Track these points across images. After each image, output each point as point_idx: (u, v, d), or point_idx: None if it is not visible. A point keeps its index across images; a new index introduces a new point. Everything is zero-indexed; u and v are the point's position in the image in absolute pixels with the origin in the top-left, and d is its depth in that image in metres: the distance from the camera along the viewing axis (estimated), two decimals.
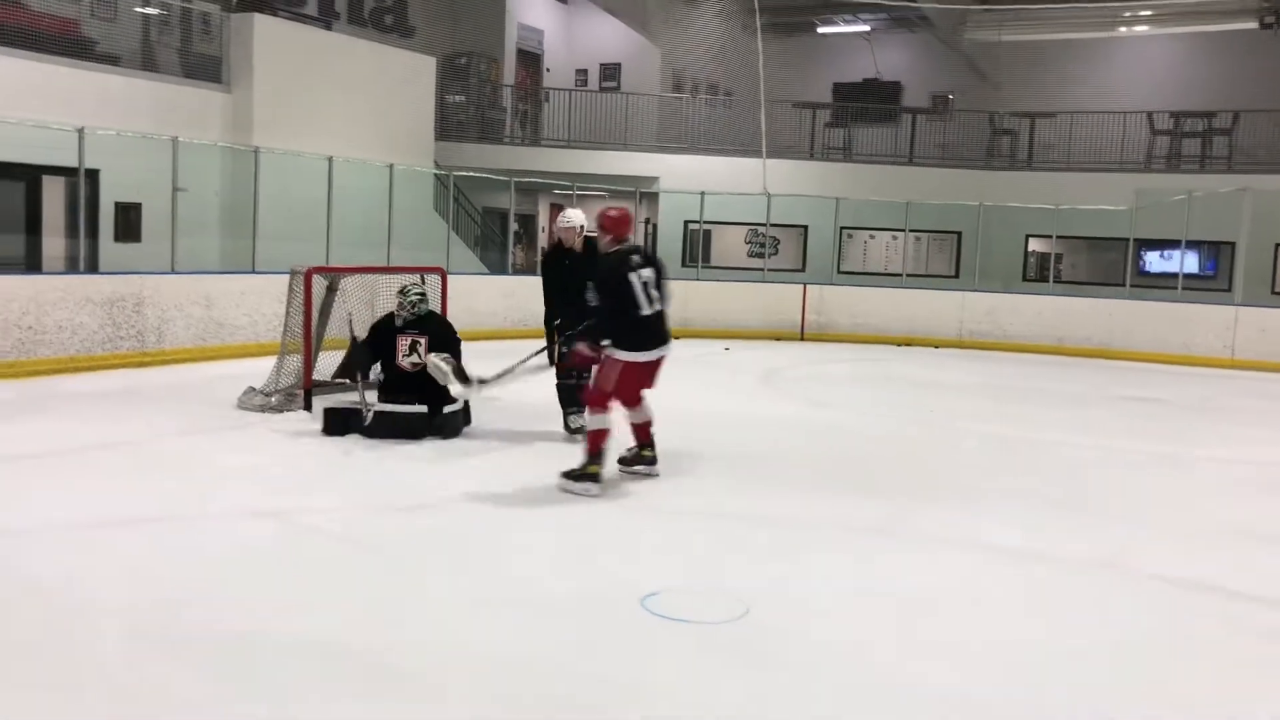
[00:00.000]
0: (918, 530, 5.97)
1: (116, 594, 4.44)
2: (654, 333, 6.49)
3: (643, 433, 6.78)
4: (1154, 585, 5.16)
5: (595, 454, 6.34)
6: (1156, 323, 15.84)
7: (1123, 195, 18.24)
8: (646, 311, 6.41)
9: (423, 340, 7.79)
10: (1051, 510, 6.52)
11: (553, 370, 7.85)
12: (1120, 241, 18.13)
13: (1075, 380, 13.12)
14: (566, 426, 8.03)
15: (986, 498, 6.80)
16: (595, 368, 6.75)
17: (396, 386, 7.85)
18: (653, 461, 6.79)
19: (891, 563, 5.36)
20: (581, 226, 7.96)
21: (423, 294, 8.01)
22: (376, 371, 7.98)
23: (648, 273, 6.47)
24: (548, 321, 7.95)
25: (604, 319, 6.36)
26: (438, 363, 7.37)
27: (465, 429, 8.01)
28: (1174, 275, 17.06)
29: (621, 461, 6.79)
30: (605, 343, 6.41)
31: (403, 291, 7.97)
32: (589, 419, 6.50)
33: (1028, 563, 5.43)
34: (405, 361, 7.82)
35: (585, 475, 6.32)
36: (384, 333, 7.96)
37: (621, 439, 6.71)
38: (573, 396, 7.87)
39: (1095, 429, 9.70)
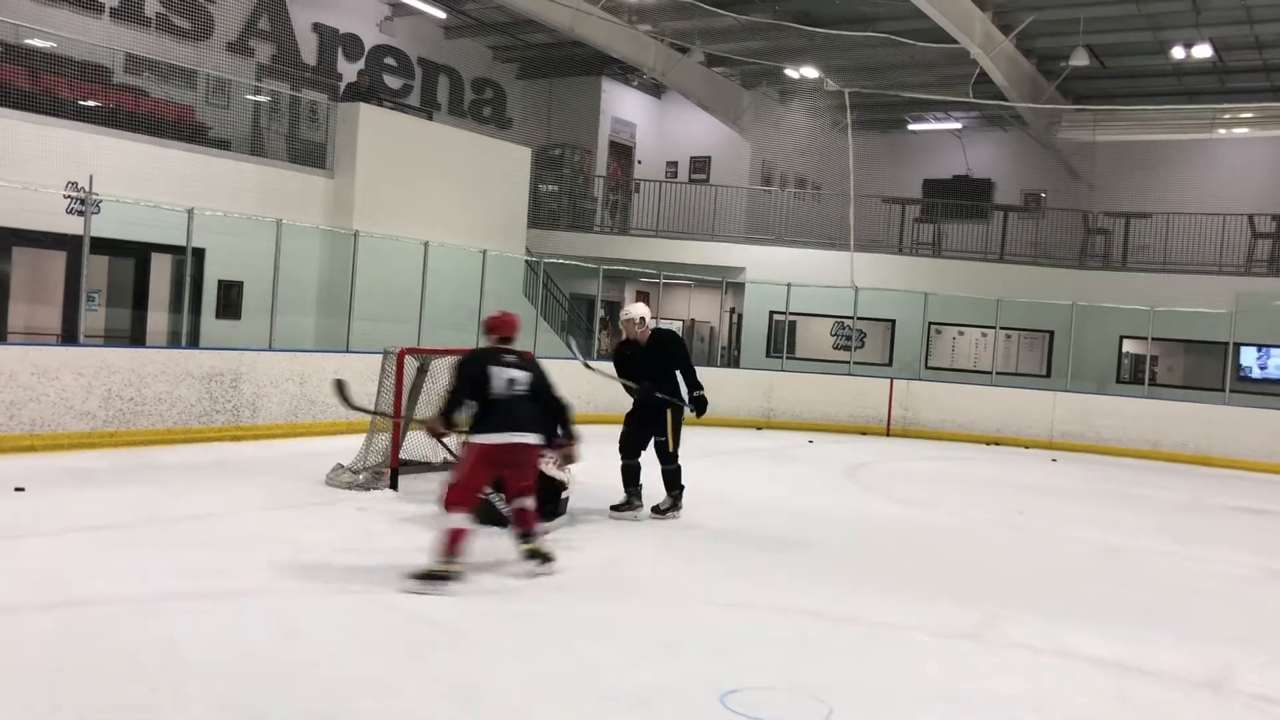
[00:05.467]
0: (1006, 636, 5.77)
1: (202, 664, 4.49)
2: (508, 418, 6.21)
3: (522, 519, 6.39)
4: (1259, 707, 4.91)
5: (449, 554, 5.91)
6: (1261, 430, 15.33)
7: (1221, 298, 17.83)
8: (504, 396, 6.22)
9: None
10: (1149, 622, 6.26)
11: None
12: (1219, 345, 17.67)
13: (1174, 487, 12.71)
14: (652, 507, 8.42)
15: (1079, 606, 6.57)
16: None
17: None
18: (538, 559, 6.33)
19: (978, 669, 5.18)
20: (641, 319, 8.41)
21: None
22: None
23: (520, 374, 6.36)
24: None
25: (449, 402, 6.30)
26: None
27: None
28: (1278, 381, 16.52)
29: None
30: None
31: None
32: (442, 517, 6.04)
33: (1120, 676, 5.20)
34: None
35: (435, 575, 5.84)
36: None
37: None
38: (634, 477, 8.40)
39: (1197, 539, 9.35)
